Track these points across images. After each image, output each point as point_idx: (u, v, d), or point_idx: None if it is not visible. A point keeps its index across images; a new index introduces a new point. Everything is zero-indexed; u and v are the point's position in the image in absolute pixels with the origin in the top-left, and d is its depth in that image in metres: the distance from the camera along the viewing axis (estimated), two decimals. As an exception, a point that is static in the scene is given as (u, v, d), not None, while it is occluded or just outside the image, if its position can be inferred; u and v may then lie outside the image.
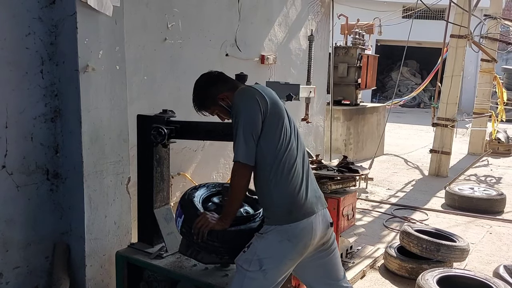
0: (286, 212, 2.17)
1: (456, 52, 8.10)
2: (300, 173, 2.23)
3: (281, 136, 2.20)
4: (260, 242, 2.20)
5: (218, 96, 2.35)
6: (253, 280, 2.17)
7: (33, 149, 2.92)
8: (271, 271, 2.17)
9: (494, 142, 10.48)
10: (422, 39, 17.00)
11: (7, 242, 2.86)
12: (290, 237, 2.16)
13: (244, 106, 2.19)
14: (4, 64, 2.75)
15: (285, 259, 2.19)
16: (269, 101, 2.21)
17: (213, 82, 2.41)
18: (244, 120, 2.16)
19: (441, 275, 3.56)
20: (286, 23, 5.39)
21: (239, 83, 2.45)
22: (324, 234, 2.28)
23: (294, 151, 2.24)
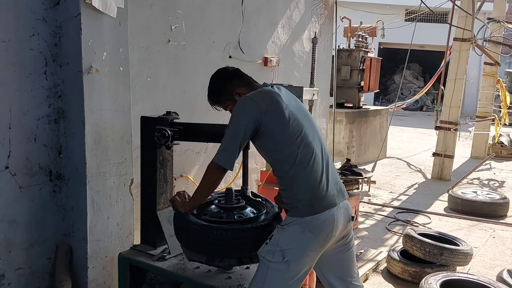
0: (308, 204, 2.20)
1: (459, 55, 8.09)
2: (320, 166, 2.25)
3: (293, 132, 2.23)
4: (282, 233, 2.23)
5: (235, 91, 2.41)
6: (277, 271, 2.20)
7: (36, 150, 2.91)
8: (294, 262, 2.20)
9: (497, 146, 10.46)
10: (425, 42, 16.99)
11: (10, 243, 2.85)
12: (311, 228, 2.19)
13: (238, 114, 2.25)
14: (8, 65, 2.75)
15: (307, 250, 2.21)
16: (274, 105, 2.23)
17: (229, 78, 2.46)
18: (233, 128, 2.24)
19: (444, 279, 3.54)
20: (289, 26, 5.39)
21: (254, 81, 2.48)
22: (345, 227, 2.31)
23: (311, 145, 2.26)
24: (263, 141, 2.28)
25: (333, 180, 2.30)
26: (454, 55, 8.18)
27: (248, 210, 2.46)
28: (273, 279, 2.20)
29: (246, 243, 2.29)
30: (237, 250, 2.32)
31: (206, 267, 2.50)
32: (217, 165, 2.22)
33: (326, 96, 6.47)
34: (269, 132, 2.23)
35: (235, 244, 2.28)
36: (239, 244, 2.28)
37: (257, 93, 2.32)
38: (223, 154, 2.22)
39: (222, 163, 2.21)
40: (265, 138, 2.26)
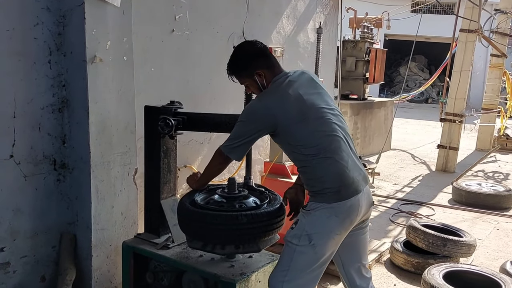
0: (335, 191, 2.24)
1: (466, 46, 8.03)
2: (344, 153, 2.28)
3: (315, 125, 2.25)
4: (308, 218, 2.27)
5: (256, 72, 2.38)
6: (303, 254, 2.25)
7: (40, 139, 2.93)
8: (319, 246, 2.24)
9: (503, 138, 10.41)
10: (431, 34, 16.86)
11: (15, 232, 2.88)
12: (338, 213, 2.24)
13: (250, 120, 2.29)
14: (13, 54, 2.76)
15: (332, 234, 2.25)
16: (289, 105, 2.25)
17: (254, 56, 2.41)
18: (244, 124, 2.28)
19: (447, 270, 3.55)
20: (294, 16, 5.35)
21: (278, 65, 2.45)
22: (366, 211, 2.37)
23: (334, 133, 2.28)
24: (283, 138, 2.31)
25: (357, 166, 2.33)
26: (460, 46, 8.12)
27: (250, 200, 2.46)
28: (299, 262, 2.25)
29: (237, 230, 2.29)
30: (230, 237, 2.32)
31: (209, 256, 2.51)
32: (221, 152, 2.32)
33: (330, 87, 6.45)
34: (288, 130, 2.25)
35: (226, 230, 2.29)
36: (231, 231, 2.29)
37: (271, 96, 2.31)
38: (230, 144, 2.29)
39: (227, 152, 2.30)
40: (285, 136, 2.29)
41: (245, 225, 2.27)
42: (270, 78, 2.39)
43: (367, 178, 2.40)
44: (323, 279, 3.71)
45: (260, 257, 2.55)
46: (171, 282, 2.65)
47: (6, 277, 2.87)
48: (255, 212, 2.30)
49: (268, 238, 2.41)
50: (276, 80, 2.37)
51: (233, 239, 2.32)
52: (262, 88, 2.40)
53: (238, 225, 2.27)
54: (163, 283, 2.67)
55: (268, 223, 2.33)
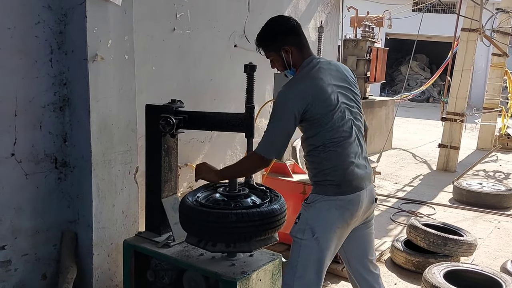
0: (335, 185, 2.26)
1: (467, 46, 8.02)
2: (354, 149, 2.30)
3: (336, 119, 2.25)
4: (309, 211, 2.30)
5: (283, 47, 2.35)
6: (308, 247, 2.28)
7: (41, 137, 2.93)
8: (322, 239, 2.27)
9: (504, 138, 10.40)
10: (432, 33, 16.85)
11: (16, 230, 2.88)
12: (337, 206, 2.26)
13: (282, 103, 2.24)
14: (14, 53, 2.76)
15: (333, 227, 2.28)
16: (317, 96, 2.23)
17: (286, 31, 2.38)
18: (277, 117, 2.23)
19: (448, 269, 3.55)
20: (295, 14, 5.34)
21: (308, 47, 2.42)
22: (368, 208, 2.39)
23: (351, 129, 2.29)
24: (304, 125, 2.31)
25: (363, 164, 2.35)
26: (461, 45, 8.11)
27: (248, 200, 2.46)
28: (306, 257, 2.29)
29: (227, 229, 2.29)
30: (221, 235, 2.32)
31: (210, 254, 2.51)
32: (260, 156, 2.24)
33: (331, 86, 6.43)
34: (312, 120, 2.25)
35: (216, 228, 2.30)
36: (221, 229, 2.29)
37: (302, 82, 2.29)
38: (269, 145, 2.23)
39: (267, 154, 2.23)
40: (307, 124, 2.29)
41: (235, 224, 2.26)
42: (298, 58, 2.36)
43: (371, 178, 2.41)
44: (324, 278, 3.71)
45: (261, 256, 2.55)
46: (172, 281, 2.65)
47: (7, 275, 2.87)
48: (246, 211, 2.28)
49: (261, 239, 2.36)
50: (306, 65, 2.34)
51: (223, 237, 2.32)
52: (287, 66, 2.38)
53: (228, 223, 2.26)
54: (164, 281, 2.67)
55: (260, 223, 2.29)
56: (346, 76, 2.42)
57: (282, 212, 2.40)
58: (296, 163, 4.46)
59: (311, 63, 2.35)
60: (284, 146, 2.25)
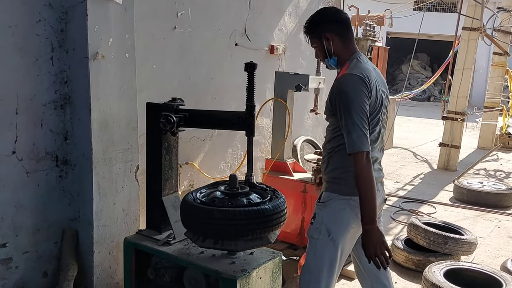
0: (350, 186, 2.23)
1: (468, 45, 8.01)
2: (375, 155, 2.32)
3: (375, 121, 2.26)
4: (324, 210, 2.31)
5: (324, 34, 2.34)
6: (325, 247, 2.28)
7: (42, 135, 2.94)
8: (338, 239, 2.28)
9: (505, 137, 10.39)
10: (433, 32, 16.83)
11: (17, 227, 2.89)
12: (351, 206, 2.26)
13: (354, 94, 2.17)
14: (15, 51, 2.77)
15: (349, 227, 2.29)
16: (372, 87, 2.22)
17: (332, 20, 2.37)
18: (355, 108, 2.14)
19: (448, 267, 3.55)
20: (296, 13, 5.35)
21: (353, 42, 2.39)
22: (379, 209, 2.41)
23: (377, 132, 2.31)
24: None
25: (379, 168, 2.39)
26: (462, 44, 8.10)
27: (244, 198, 2.46)
28: (322, 256, 2.28)
29: (213, 225, 2.31)
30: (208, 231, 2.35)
31: (210, 252, 2.52)
32: (361, 153, 2.13)
33: (332, 85, 6.43)
34: None
35: (204, 224, 2.33)
36: (208, 225, 2.32)
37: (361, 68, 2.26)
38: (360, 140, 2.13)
39: (365, 148, 2.13)
40: None
41: (220, 221, 2.27)
42: (341, 49, 2.34)
43: (383, 182, 2.46)
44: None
45: (261, 254, 2.56)
46: (173, 278, 2.66)
47: (9, 272, 2.88)
48: (231, 210, 2.29)
49: (249, 239, 2.34)
50: (356, 58, 2.32)
51: (211, 234, 2.34)
52: (328, 55, 2.36)
53: (212, 219, 2.28)
54: (164, 279, 2.68)
55: (246, 223, 2.28)
56: (385, 82, 2.44)
57: (274, 213, 2.34)
58: (297, 161, 4.46)
59: (360, 58, 2.33)
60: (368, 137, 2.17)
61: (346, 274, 3.81)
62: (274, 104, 4.18)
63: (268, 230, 2.36)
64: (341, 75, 2.28)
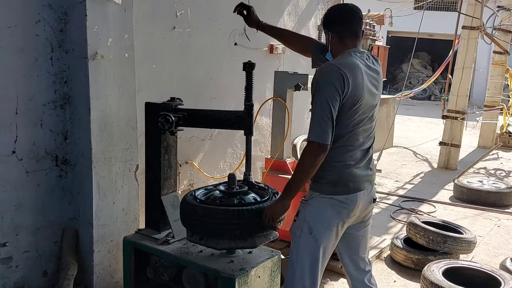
0: (331, 185, 2.29)
1: (468, 43, 8.01)
2: (358, 154, 2.32)
3: (354, 117, 2.26)
4: (306, 208, 2.34)
5: (325, 31, 2.44)
6: (306, 244, 2.31)
7: (42, 135, 2.95)
8: (320, 237, 2.30)
9: (505, 136, 10.38)
10: (433, 31, 16.80)
11: (17, 227, 2.90)
12: (333, 205, 2.29)
13: (324, 84, 2.19)
14: (15, 51, 2.78)
15: (330, 225, 2.31)
16: (351, 82, 2.20)
17: (331, 18, 2.43)
18: (321, 99, 2.17)
19: (447, 266, 3.56)
20: (295, 13, 5.35)
21: (353, 40, 2.37)
22: (365, 208, 2.41)
23: (362, 133, 2.32)
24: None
25: (366, 167, 2.38)
26: (462, 43, 8.10)
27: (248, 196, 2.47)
28: (304, 254, 2.32)
29: (196, 221, 2.37)
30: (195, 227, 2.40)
31: (209, 251, 2.53)
32: (315, 144, 2.16)
33: (332, 84, 6.43)
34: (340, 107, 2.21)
35: (190, 219, 2.39)
36: (193, 220, 2.38)
37: (343, 62, 2.26)
38: (319, 129, 2.16)
39: (322, 140, 2.16)
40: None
41: (200, 218, 2.33)
42: (336, 47, 2.38)
43: (372, 180, 2.43)
44: (324, 275, 3.72)
45: (260, 253, 2.57)
46: (172, 277, 2.67)
47: (9, 271, 2.90)
48: (213, 208, 2.33)
49: (229, 238, 2.34)
50: (349, 52, 2.33)
51: (197, 230, 2.39)
52: (327, 48, 2.44)
53: (195, 215, 2.33)
54: (163, 278, 2.70)
55: (224, 222, 2.29)
56: (379, 80, 2.45)
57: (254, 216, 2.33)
58: (296, 161, 4.47)
59: (353, 53, 2.33)
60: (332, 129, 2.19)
61: (337, 270, 3.80)
62: (273, 103, 4.18)
63: (249, 232, 2.35)
64: (321, 66, 2.34)
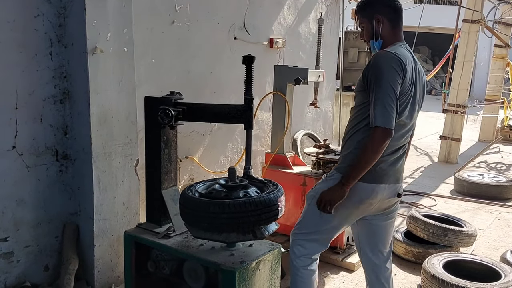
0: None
1: (468, 37, 7.98)
2: (391, 147, 2.34)
3: (401, 110, 2.27)
4: (323, 182, 2.45)
5: (376, 16, 2.38)
6: (313, 214, 2.48)
7: (42, 130, 2.95)
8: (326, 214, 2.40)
9: (506, 129, 10.36)
10: (434, 24, 16.74)
11: (18, 222, 2.91)
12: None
13: (386, 70, 2.20)
14: (14, 46, 2.78)
15: (339, 204, 2.36)
16: (407, 71, 2.24)
17: (386, 4, 2.41)
18: (385, 84, 2.17)
19: (447, 259, 3.57)
20: (295, 6, 5.34)
21: (401, 31, 2.43)
22: (388, 200, 2.45)
23: (402, 127, 2.34)
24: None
25: (395, 164, 2.40)
26: (463, 37, 8.08)
27: (251, 190, 2.47)
28: (309, 219, 2.51)
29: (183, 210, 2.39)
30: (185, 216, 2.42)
31: (210, 245, 2.53)
32: (378, 128, 2.17)
33: (332, 78, 6.44)
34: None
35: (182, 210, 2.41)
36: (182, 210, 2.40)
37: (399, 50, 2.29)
38: (386, 114, 2.15)
39: (383, 124, 2.16)
40: None
41: (183, 207, 2.38)
42: (388, 34, 2.38)
43: (400, 178, 2.47)
44: (324, 268, 3.74)
45: (261, 246, 2.57)
46: (173, 271, 2.67)
47: (10, 266, 2.91)
48: (191, 196, 2.36)
49: (203, 227, 2.34)
50: (399, 44, 2.35)
51: (185, 219, 2.43)
52: (375, 37, 2.39)
53: (184, 207, 2.38)
54: (164, 271, 2.70)
55: (204, 215, 2.28)
56: (425, 77, 2.46)
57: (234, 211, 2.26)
58: (297, 155, 4.47)
59: (404, 46, 2.36)
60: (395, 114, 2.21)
61: (346, 266, 3.83)
62: (273, 98, 4.18)
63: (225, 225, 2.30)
64: (379, 52, 2.33)
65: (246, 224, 2.29)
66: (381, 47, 2.40)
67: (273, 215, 2.35)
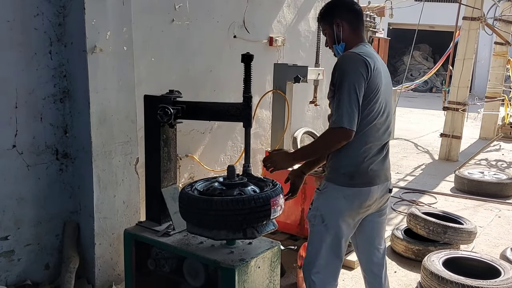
0: (347, 176, 2.32)
1: (469, 35, 7.97)
2: (376, 147, 2.34)
3: (373, 108, 2.27)
4: (320, 197, 2.40)
5: (335, 21, 2.40)
6: (318, 233, 2.40)
7: (42, 129, 2.96)
8: (331, 226, 2.36)
9: (507, 127, 10.35)
10: (435, 22, 16.71)
11: (19, 220, 2.92)
12: (346, 196, 2.34)
13: (350, 71, 2.22)
14: (14, 45, 2.79)
15: (342, 215, 2.35)
16: (373, 69, 2.24)
17: (343, 7, 2.44)
18: (348, 86, 2.18)
19: (447, 256, 3.57)
20: (295, 5, 5.34)
21: (363, 33, 2.44)
22: (381, 199, 2.45)
23: (381, 126, 2.34)
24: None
25: (383, 163, 2.40)
26: (463, 34, 8.06)
27: (249, 188, 2.47)
28: (316, 241, 2.41)
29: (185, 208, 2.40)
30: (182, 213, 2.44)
31: (209, 242, 2.54)
32: (338, 128, 2.18)
33: (332, 76, 6.43)
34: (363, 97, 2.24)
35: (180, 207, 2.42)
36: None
37: (363, 51, 2.30)
38: (342, 116, 2.17)
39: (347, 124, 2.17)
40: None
41: (179, 203, 2.42)
42: (350, 37, 2.39)
43: (388, 176, 2.46)
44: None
45: (260, 244, 2.58)
46: (172, 269, 2.68)
47: (11, 264, 2.92)
48: (184, 193, 2.38)
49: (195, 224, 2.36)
50: (363, 44, 2.36)
51: (181, 214, 2.46)
52: (336, 41, 2.41)
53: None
54: (164, 269, 2.71)
55: (194, 211, 2.32)
56: (388, 73, 2.46)
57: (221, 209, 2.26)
58: (297, 153, 4.47)
59: (367, 46, 2.37)
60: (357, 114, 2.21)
61: (346, 264, 3.83)
62: (273, 96, 4.18)
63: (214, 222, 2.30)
64: (344, 53, 2.35)
65: (234, 222, 2.29)
66: (344, 50, 2.43)
67: (264, 215, 2.30)
